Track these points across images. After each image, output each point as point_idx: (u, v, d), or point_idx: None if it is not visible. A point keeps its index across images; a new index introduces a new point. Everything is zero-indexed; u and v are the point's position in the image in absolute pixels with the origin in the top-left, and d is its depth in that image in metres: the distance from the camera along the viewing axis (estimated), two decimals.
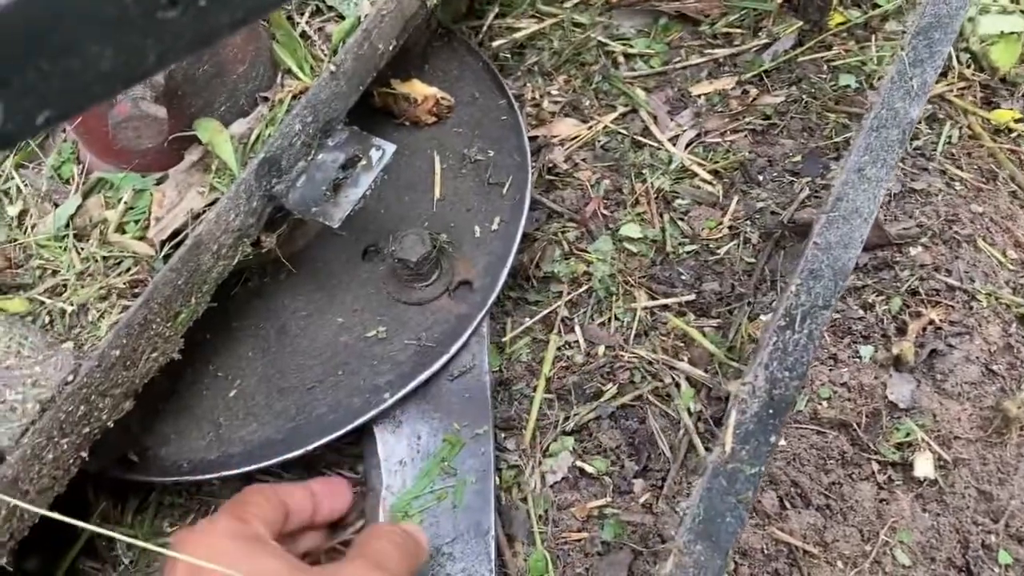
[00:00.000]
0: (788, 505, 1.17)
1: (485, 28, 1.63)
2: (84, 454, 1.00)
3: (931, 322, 1.28)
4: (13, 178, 1.13)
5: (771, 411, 0.96)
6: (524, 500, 1.22)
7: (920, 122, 1.48)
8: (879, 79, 1.49)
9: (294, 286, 1.29)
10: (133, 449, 1.18)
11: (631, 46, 1.61)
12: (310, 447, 1.16)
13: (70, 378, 0.95)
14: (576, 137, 1.51)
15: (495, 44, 1.62)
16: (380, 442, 1.20)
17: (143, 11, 0.44)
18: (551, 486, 1.23)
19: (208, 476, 1.17)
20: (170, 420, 1.20)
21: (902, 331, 1.29)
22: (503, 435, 1.27)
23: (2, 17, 0.39)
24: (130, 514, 1.25)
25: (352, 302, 1.27)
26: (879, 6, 1.61)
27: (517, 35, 1.62)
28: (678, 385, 1.27)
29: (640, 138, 1.51)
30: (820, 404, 1.24)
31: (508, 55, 1.62)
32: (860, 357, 1.27)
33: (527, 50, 1.62)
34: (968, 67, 1.57)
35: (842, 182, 1.07)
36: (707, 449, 1.22)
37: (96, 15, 0.43)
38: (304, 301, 1.28)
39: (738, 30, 1.62)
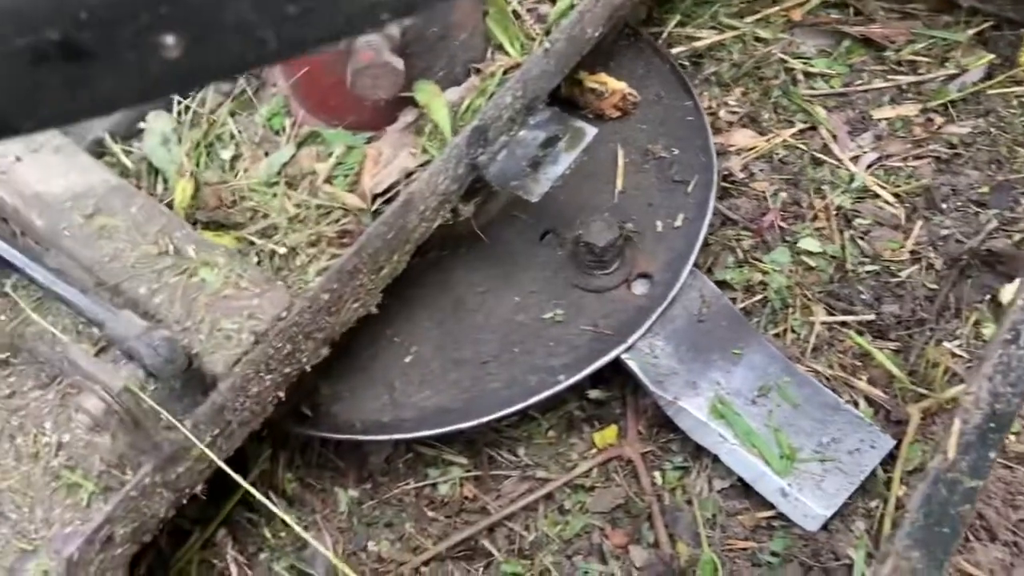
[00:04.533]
0: (973, 537, 1.12)
1: (665, 35, 1.63)
2: (281, 394, 1.01)
3: None
4: (227, 124, 1.16)
5: (992, 425, 0.91)
6: (689, 502, 1.19)
7: None
8: None
9: (471, 262, 1.30)
10: (307, 403, 1.19)
11: (812, 65, 1.59)
12: (484, 419, 1.15)
13: (283, 315, 0.96)
14: (753, 148, 1.50)
15: (674, 51, 1.61)
16: (694, 412, 1.19)
17: None
18: (719, 491, 1.20)
19: (379, 437, 1.17)
20: (345, 379, 1.21)
21: None
22: (668, 435, 1.25)
23: None
24: (290, 468, 1.26)
25: (529, 283, 1.27)
26: None
27: (697, 44, 1.62)
28: (856, 404, 1.23)
29: (819, 155, 1.48)
30: (1009, 438, 1.18)
31: (686, 63, 1.61)
32: None
33: (705, 60, 1.62)
34: None
35: None
36: (885, 471, 1.18)
37: None
38: (481, 277, 1.28)
39: (924, 59, 1.59)
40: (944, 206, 1.42)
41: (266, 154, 1.14)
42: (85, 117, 0.42)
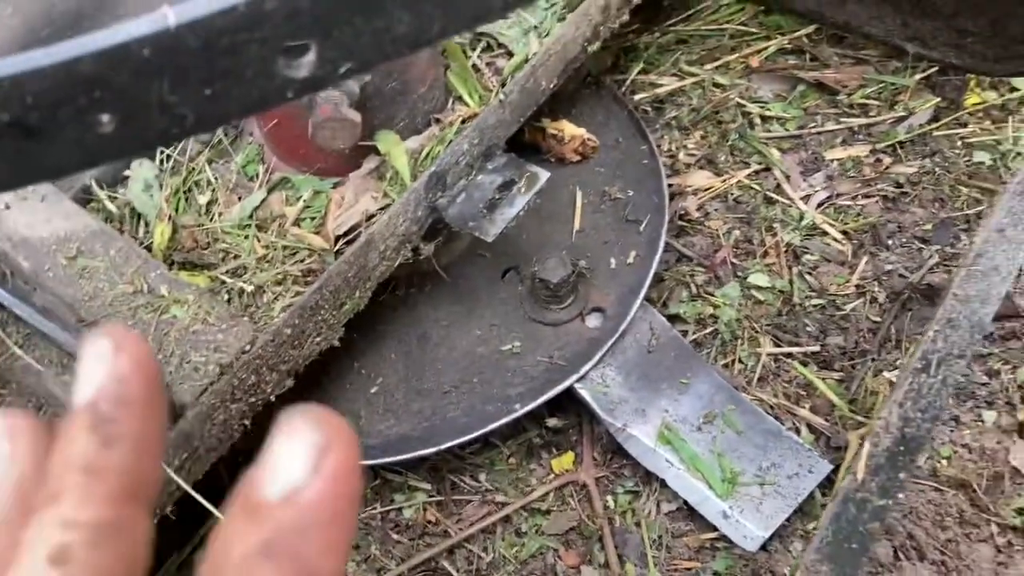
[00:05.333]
0: (903, 556, 1.18)
1: (628, 82, 1.72)
2: (247, 422, 1.09)
3: None
4: (205, 171, 1.25)
5: (902, 448, 0.98)
6: (638, 524, 1.26)
7: None
8: (1016, 156, 1.52)
9: (436, 298, 1.38)
10: None
11: (768, 109, 1.68)
12: (443, 446, 1.22)
13: (247, 347, 1.04)
14: (709, 188, 1.58)
15: (636, 97, 1.71)
16: (642, 439, 1.26)
17: None
18: (666, 514, 1.26)
19: None
20: None
21: None
22: (621, 461, 1.32)
23: None
24: None
25: (490, 317, 1.35)
26: (1017, 90, 1.64)
27: (659, 91, 1.71)
28: (798, 431, 1.30)
29: (772, 194, 1.56)
30: (940, 462, 1.25)
31: (648, 108, 1.70)
32: (982, 421, 1.28)
33: (667, 105, 1.71)
34: None
35: (983, 239, 1.10)
36: (823, 495, 1.24)
37: None
38: (445, 312, 1.36)
39: (875, 102, 1.67)
40: (890, 242, 1.49)
41: (240, 199, 1.23)
42: (34, 182, 0.51)
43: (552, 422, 1.35)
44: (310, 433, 0.29)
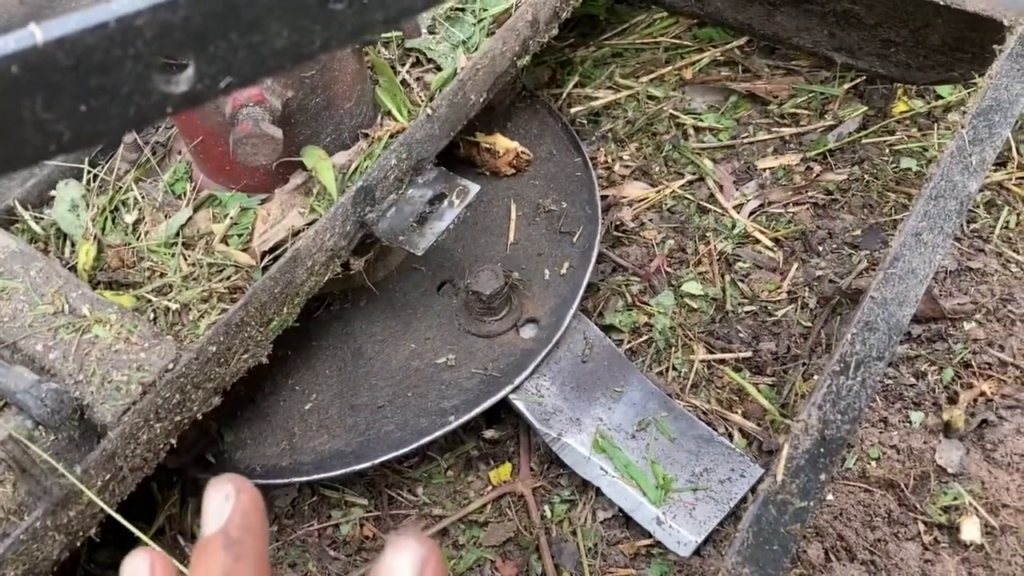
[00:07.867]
0: (833, 558, 1.20)
1: (564, 95, 1.74)
2: (172, 441, 1.08)
3: (982, 394, 1.32)
4: (132, 190, 1.25)
5: (822, 450, 1.00)
6: (574, 533, 1.27)
7: (978, 206, 1.54)
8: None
9: (372, 313, 1.38)
10: (211, 451, 1.26)
11: (701, 120, 1.71)
12: (376, 461, 1.22)
13: (171, 366, 1.03)
14: (644, 199, 1.60)
15: (573, 110, 1.72)
16: (577, 448, 1.27)
17: (318, 1, 0.53)
18: (602, 522, 1.27)
19: (279, 481, 1.24)
20: (247, 427, 1.28)
21: (953, 400, 1.32)
22: (558, 471, 1.32)
23: None
24: (200, 513, 1.32)
25: (425, 331, 1.35)
26: (942, 97, 1.68)
27: (594, 103, 1.73)
28: (731, 436, 1.31)
29: (705, 204, 1.58)
30: (869, 463, 1.27)
31: (584, 121, 1.72)
32: (910, 422, 1.31)
33: (602, 118, 1.73)
34: None
35: (900, 243, 1.12)
36: (753, 492, 1.25)
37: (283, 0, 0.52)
38: (380, 327, 1.36)
39: (805, 111, 1.70)
40: (820, 249, 1.52)
41: (167, 217, 1.22)
42: None
43: (489, 434, 1.35)
44: (223, 486, 0.44)
